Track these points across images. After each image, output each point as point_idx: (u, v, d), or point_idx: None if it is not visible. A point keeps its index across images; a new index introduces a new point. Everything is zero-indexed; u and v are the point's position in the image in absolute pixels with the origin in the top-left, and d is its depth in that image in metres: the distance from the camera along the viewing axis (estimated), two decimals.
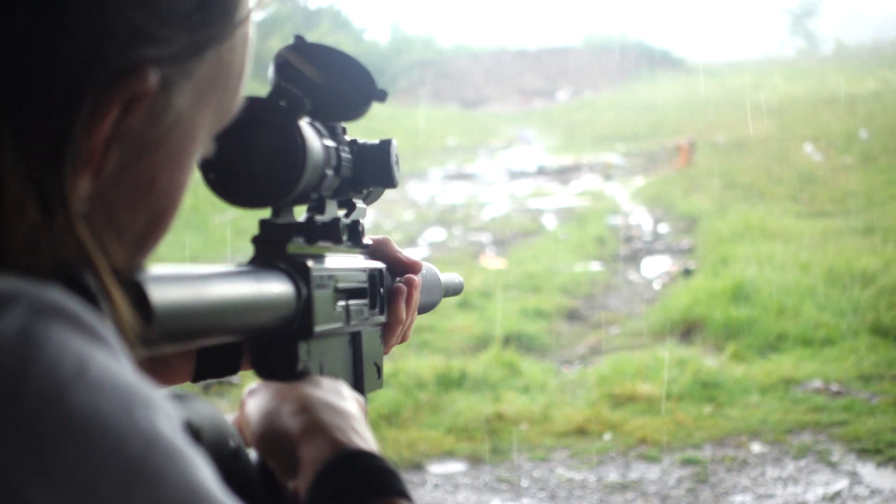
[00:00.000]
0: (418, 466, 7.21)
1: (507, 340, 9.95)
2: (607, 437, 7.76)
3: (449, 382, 8.81)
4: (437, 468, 7.28)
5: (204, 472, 0.74)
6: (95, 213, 0.84)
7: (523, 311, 10.99)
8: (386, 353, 1.56)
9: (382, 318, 1.50)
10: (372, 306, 1.44)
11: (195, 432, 0.99)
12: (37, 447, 0.66)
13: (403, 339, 1.60)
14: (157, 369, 1.36)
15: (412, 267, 1.57)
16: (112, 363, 0.72)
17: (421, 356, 9.29)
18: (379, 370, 1.51)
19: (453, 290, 1.92)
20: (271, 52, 1.26)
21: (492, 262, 13.35)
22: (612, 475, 7.11)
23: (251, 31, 0.96)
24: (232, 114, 0.98)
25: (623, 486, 6.92)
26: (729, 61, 41.71)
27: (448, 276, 1.89)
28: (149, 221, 0.91)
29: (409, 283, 1.54)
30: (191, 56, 0.87)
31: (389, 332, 1.53)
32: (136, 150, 0.86)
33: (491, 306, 11.16)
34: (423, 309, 1.72)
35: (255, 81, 1.05)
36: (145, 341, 0.85)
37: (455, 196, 17.93)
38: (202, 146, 0.96)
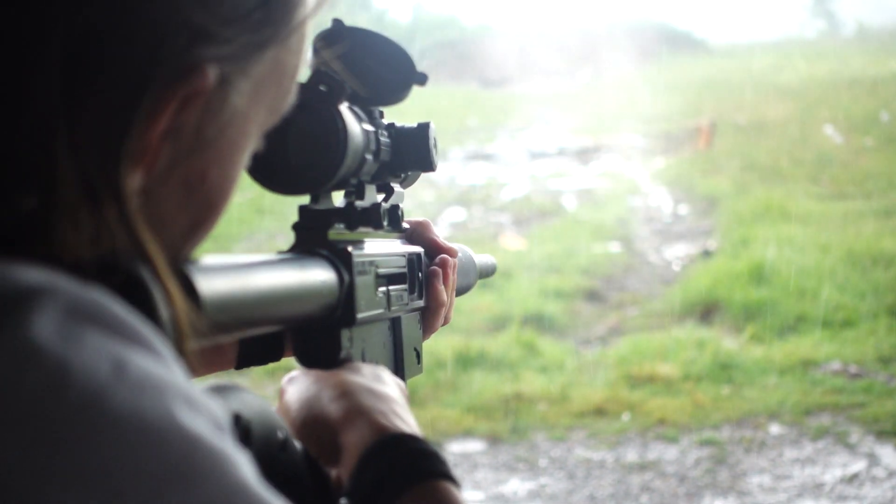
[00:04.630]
0: (437, 445, 7.23)
1: (527, 320, 9.96)
2: (626, 417, 7.77)
3: (468, 362, 8.83)
4: (455, 447, 7.30)
5: (245, 471, 0.73)
6: (145, 207, 0.83)
7: (543, 291, 10.99)
8: (428, 336, 1.55)
9: (421, 303, 1.49)
10: (411, 291, 1.44)
11: (245, 425, 0.99)
12: (72, 449, 0.66)
13: (446, 322, 1.59)
14: (206, 357, 1.34)
15: (449, 251, 1.56)
16: (151, 365, 0.72)
17: (440, 335, 9.27)
18: (418, 355, 1.51)
19: (487, 272, 1.92)
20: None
21: (511, 242, 13.34)
22: (631, 455, 7.12)
23: (308, 31, 0.96)
24: (284, 111, 0.98)
25: (641, 467, 6.93)
26: (750, 42, 41.51)
27: (482, 258, 1.88)
28: (197, 215, 0.91)
29: (444, 264, 1.53)
30: (250, 55, 0.87)
31: (431, 315, 1.53)
32: (190, 145, 0.86)
33: (510, 286, 11.16)
34: (459, 291, 1.71)
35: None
36: (196, 332, 0.84)
37: (475, 176, 17.88)
38: (254, 142, 0.95)
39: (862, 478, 6.55)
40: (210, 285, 0.91)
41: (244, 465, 0.73)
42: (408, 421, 1.14)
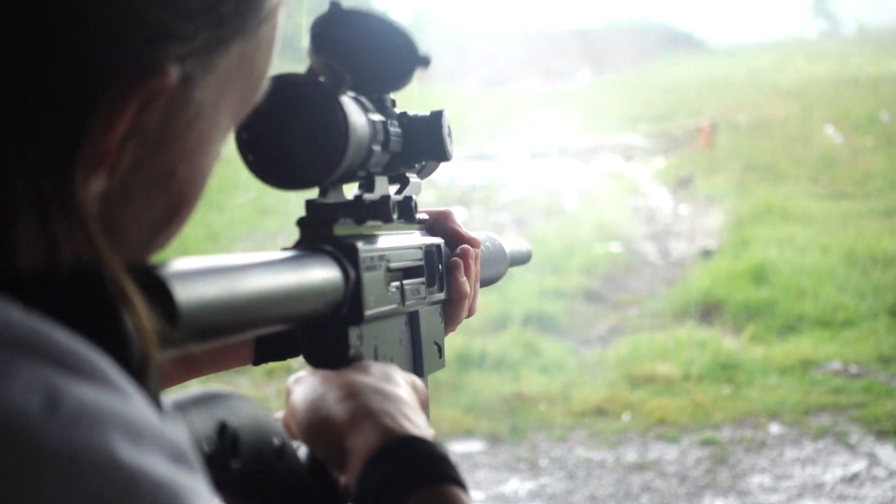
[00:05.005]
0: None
1: (527, 320, 9.96)
2: (626, 417, 7.77)
3: (468, 361, 8.83)
4: (456, 447, 7.30)
5: (197, 500, 0.69)
6: (109, 209, 0.80)
7: (543, 291, 10.98)
8: (452, 329, 1.53)
9: (442, 296, 1.46)
10: (430, 284, 1.41)
11: (233, 433, 0.96)
12: (3, 490, 0.62)
13: (470, 314, 1.56)
14: (216, 354, 1.35)
15: (471, 241, 1.53)
16: (93, 394, 0.67)
17: None
18: (440, 349, 1.49)
19: (520, 259, 1.87)
20: (294, 29, 1.23)
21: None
22: (631, 455, 7.12)
23: (279, 18, 0.92)
24: (256, 100, 0.94)
25: (641, 466, 6.93)
26: (751, 42, 41.45)
27: (514, 244, 1.84)
28: (168, 211, 0.87)
29: (465, 255, 1.50)
30: (213, 51, 0.84)
31: (454, 308, 1.50)
32: (153, 145, 0.82)
33: (511, 286, 11.15)
34: (489, 282, 1.68)
35: (283, 59, 1.02)
36: (172, 342, 0.81)
37: (476, 176, 17.86)
38: (225, 133, 0.92)
39: (862, 478, 6.55)
40: (189, 291, 0.87)
41: (202, 498, 0.70)
42: (417, 422, 1.11)
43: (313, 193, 1.21)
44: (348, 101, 1.17)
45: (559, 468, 6.98)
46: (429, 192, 16.40)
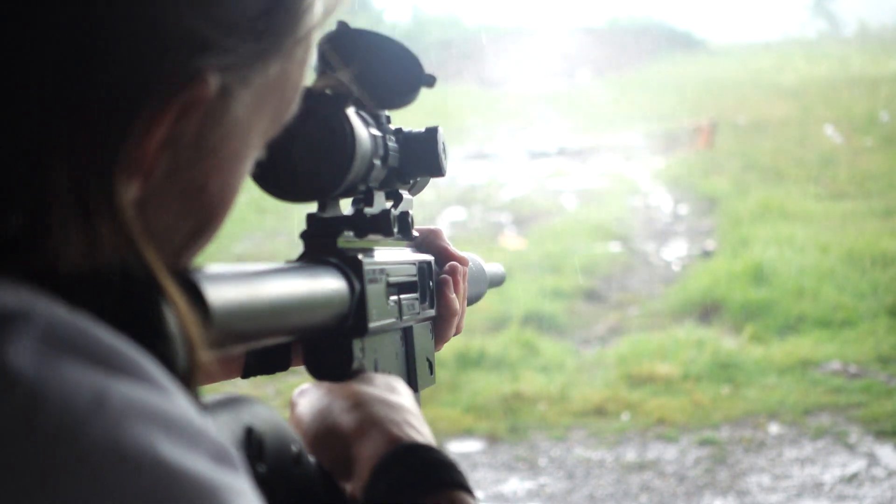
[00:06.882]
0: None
1: (526, 320, 9.95)
2: (625, 416, 7.77)
3: (467, 361, 8.82)
4: (455, 447, 7.30)
5: (239, 500, 0.69)
6: (142, 217, 0.79)
7: (542, 290, 10.97)
8: (440, 347, 1.53)
9: (432, 312, 1.47)
10: (422, 300, 1.42)
11: (258, 439, 0.96)
12: (48, 484, 0.63)
13: (457, 332, 1.56)
14: (210, 367, 1.35)
15: (460, 260, 1.54)
16: (138, 393, 0.68)
17: None
18: (431, 366, 1.48)
19: (497, 281, 1.89)
20: None
21: (511, 241, 13.32)
22: (630, 455, 7.12)
23: (313, 40, 0.93)
24: (287, 120, 0.95)
25: (641, 466, 6.93)
26: (750, 43, 41.43)
27: (491, 267, 1.85)
28: (197, 225, 0.88)
29: (454, 272, 1.51)
30: (252, 65, 0.85)
31: (443, 324, 1.50)
32: (188, 156, 0.83)
33: (510, 286, 11.12)
34: (470, 300, 1.68)
35: None
36: (207, 343, 0.82)
37: (475, 176, 17.86)
38: (256, 151, 0.93)
39: (861, 477, 6.55)
40: (219, 294, 0.88)
41: (245, 498, 0.70)
42: (422, 431, 1.12)
43: (312, 207, 1.22)
44: (353, 115, 1.18)
45: (558, 468, 6.98)
46: (428, 192, 16.30)
